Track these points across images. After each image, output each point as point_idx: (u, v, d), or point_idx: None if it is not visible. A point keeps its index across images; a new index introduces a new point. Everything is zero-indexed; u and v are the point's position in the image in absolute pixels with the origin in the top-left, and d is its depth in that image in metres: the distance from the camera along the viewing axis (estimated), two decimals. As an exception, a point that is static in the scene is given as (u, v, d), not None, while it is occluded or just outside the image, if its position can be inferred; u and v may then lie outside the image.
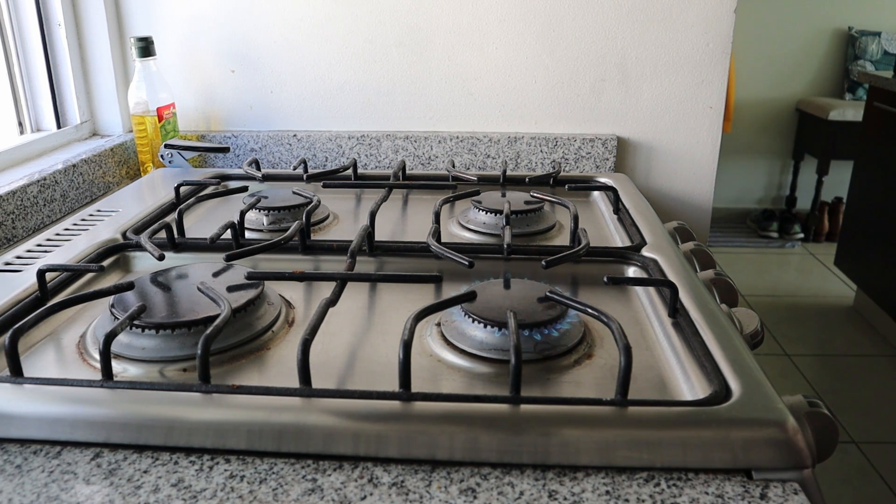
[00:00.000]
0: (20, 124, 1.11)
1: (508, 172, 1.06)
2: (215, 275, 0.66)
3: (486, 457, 0.46)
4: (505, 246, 0.74)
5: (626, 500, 0.42)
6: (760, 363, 0.53)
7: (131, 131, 1.16)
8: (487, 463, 0.46)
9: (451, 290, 0.64)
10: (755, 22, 3.50)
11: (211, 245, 0.74)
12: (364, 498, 0.43)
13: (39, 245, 0.78)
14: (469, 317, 0.58)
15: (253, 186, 0.98)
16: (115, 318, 0.58)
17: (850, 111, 3.33)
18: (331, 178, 0.99)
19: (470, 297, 0.59)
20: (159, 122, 1.10)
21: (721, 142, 1.17)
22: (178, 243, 0.78)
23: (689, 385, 0.53)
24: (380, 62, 1.16)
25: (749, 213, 3.84)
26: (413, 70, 1.16)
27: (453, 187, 0.93)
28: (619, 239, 0.84)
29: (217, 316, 0.55)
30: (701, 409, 0.47)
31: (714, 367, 0.52)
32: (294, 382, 0.50)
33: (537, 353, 0.56)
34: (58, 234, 0.81)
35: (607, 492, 0.43)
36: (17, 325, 0.53)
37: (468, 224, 0.87)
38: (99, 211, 0.89)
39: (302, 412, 0.48)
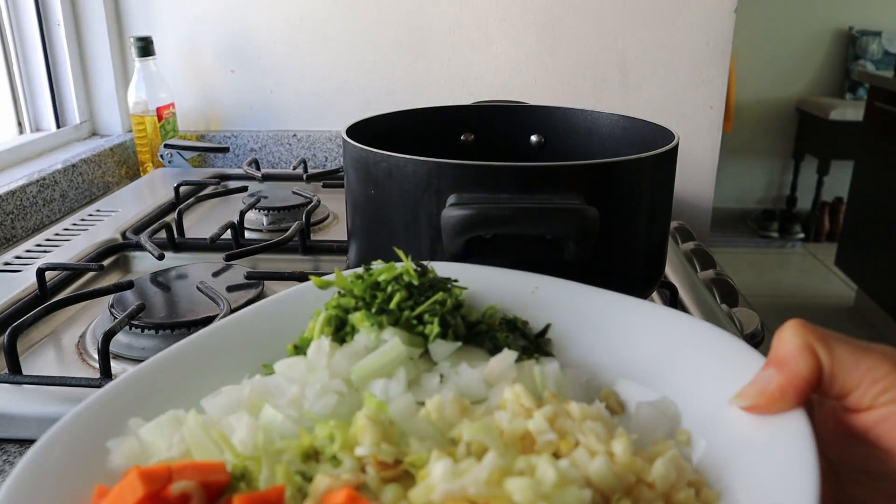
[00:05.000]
0: (19, 124, 1.11)
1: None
2: (215, 275, 0.66)
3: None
4: (505, 246, 0.73)
5: (626, 500, 0.42)
6: (760, 363, 0.53)
7: (131, 131, 1.16)
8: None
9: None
10: (755, 22, 3.49)
11: (211, 245, 0.74)
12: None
13: (39, 245, 0.78)
14: (469, 316, 0.57)
15: (253, 186, 0.98)
16: (114, 317, 0.58)
17: (850, 111, 3.33)
18: (331, 178, 0.99)
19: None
20: (159, 121, 1.10)
21: (721, 142, 1.17)
22: (177, 243, 0.78)
23: (689, 385, 0.53)
24: (380, 62, 1.16)
25: (749, 213, 3.84)
26: (413, 70, 1.16)
27: (453, 187, 0.93)
28: (619, 239, 0.84)
29: (216, 316, 0.55)
30: (701, 409, 0.47)
31: (714, 367, 0.52)
32: (293, 382, 0.50)
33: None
34: (57, 234, 0.81)
35: (607, 492, 0.43)
36: (15, 323, 0.53)
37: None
38: (98, 211, 0.89)
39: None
